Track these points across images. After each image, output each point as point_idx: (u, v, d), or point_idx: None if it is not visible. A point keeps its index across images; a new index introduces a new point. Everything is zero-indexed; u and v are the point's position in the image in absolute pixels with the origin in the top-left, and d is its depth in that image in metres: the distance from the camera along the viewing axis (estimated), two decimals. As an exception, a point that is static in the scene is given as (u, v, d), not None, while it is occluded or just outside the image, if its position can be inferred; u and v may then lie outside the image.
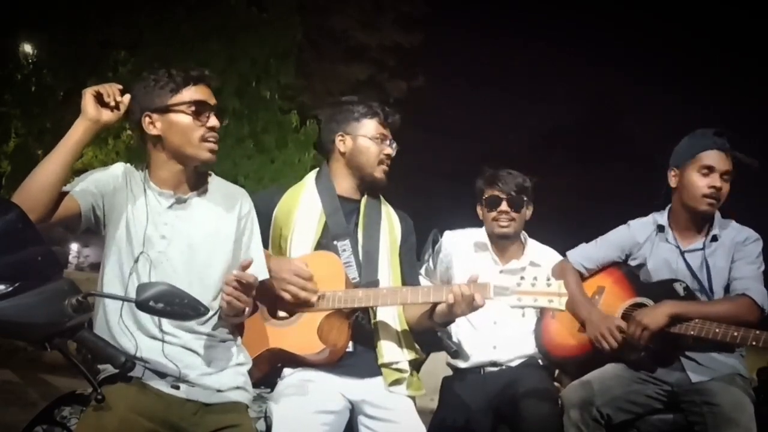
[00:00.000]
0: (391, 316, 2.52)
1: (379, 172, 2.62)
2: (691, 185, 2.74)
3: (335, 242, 2.53)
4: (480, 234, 3.18)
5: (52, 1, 8.25)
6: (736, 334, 2.53)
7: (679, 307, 2.64)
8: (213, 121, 2.14)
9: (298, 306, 2.40)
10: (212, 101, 2.16)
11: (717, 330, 2.56)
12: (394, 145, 2.66)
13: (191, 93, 2.12)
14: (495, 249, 3.13)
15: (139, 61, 8.48)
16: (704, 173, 2.71)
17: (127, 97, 2.09)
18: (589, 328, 2.77)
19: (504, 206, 3.05)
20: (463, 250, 3.15)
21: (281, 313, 2.47)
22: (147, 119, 2.12)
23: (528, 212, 3.15)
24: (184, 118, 2.11)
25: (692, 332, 2.61)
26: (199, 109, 2.12)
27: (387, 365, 2.45)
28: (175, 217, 2.14)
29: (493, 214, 3.08)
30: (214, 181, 2.26)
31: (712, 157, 2.71)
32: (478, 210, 3.19)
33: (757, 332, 2.51)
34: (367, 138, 2.62)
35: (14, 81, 8.68)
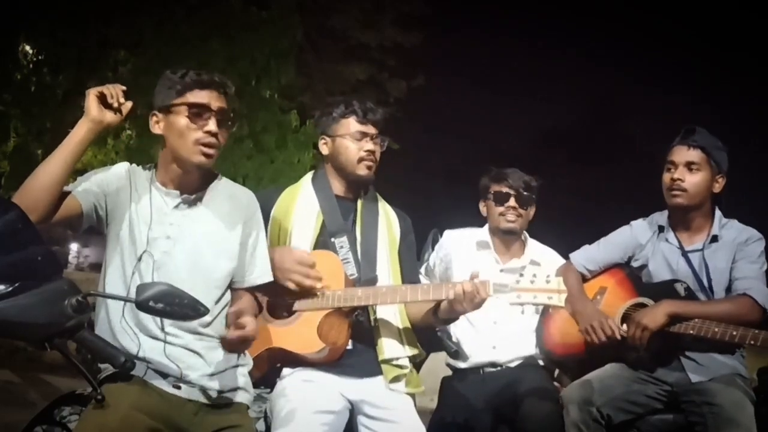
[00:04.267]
0: (392, 312, 2.53)
1: (361, 170, 2.58)
2: (662, 183, 2.84)
3: (332, 239, 2.53)
4: (481, 233, 3.19)
5: (52, 1, 8.23)
6: (734, 333, 2.54)
7: (678, 307, 2.64)
8: (211, 125, 2.11)
9: (302, 295, 2.39)
10: (216, 105, 2.13)
11: (716, 329, 2.56)
12: (385, 142, 2.63)
13: (194, 96, 2.11)
14: (497, 247, 3.14)
15: (139, 61, 8.46)
16: (668, 168, 2.81)
17: (129, 103, 2.09)
18: (581, 321, 2.77)
19: (512, 202, 3.08)
20: (463, 249, 3.15)
21: (281, 313, 2.47)
22: (153, 117, 2.15)
23: (531, 212, 3.16)
24: (181, 120, 2.11)
25: (691, 331, 2.61)
26: (198, 112, 2.10)
27: (387, 361, 2.45)
28: (182, 217, 2.14)
29: (501, 209, 3.09)
30: (221, 182, 2.26)
31: (674, 152, 2.81)
32: (482, 207, 3.20)
33: (756, 331, 2.51)
34: (344, 138, 2.60)
35: (14, 81, 8.66)
